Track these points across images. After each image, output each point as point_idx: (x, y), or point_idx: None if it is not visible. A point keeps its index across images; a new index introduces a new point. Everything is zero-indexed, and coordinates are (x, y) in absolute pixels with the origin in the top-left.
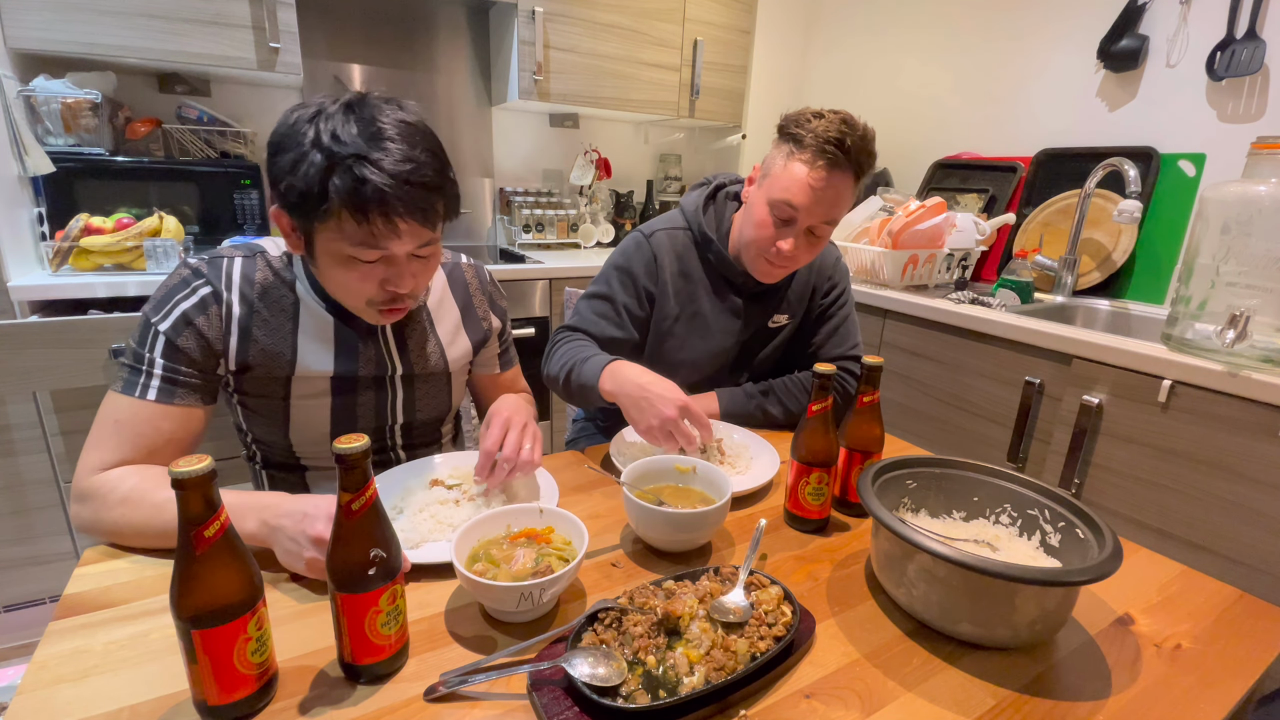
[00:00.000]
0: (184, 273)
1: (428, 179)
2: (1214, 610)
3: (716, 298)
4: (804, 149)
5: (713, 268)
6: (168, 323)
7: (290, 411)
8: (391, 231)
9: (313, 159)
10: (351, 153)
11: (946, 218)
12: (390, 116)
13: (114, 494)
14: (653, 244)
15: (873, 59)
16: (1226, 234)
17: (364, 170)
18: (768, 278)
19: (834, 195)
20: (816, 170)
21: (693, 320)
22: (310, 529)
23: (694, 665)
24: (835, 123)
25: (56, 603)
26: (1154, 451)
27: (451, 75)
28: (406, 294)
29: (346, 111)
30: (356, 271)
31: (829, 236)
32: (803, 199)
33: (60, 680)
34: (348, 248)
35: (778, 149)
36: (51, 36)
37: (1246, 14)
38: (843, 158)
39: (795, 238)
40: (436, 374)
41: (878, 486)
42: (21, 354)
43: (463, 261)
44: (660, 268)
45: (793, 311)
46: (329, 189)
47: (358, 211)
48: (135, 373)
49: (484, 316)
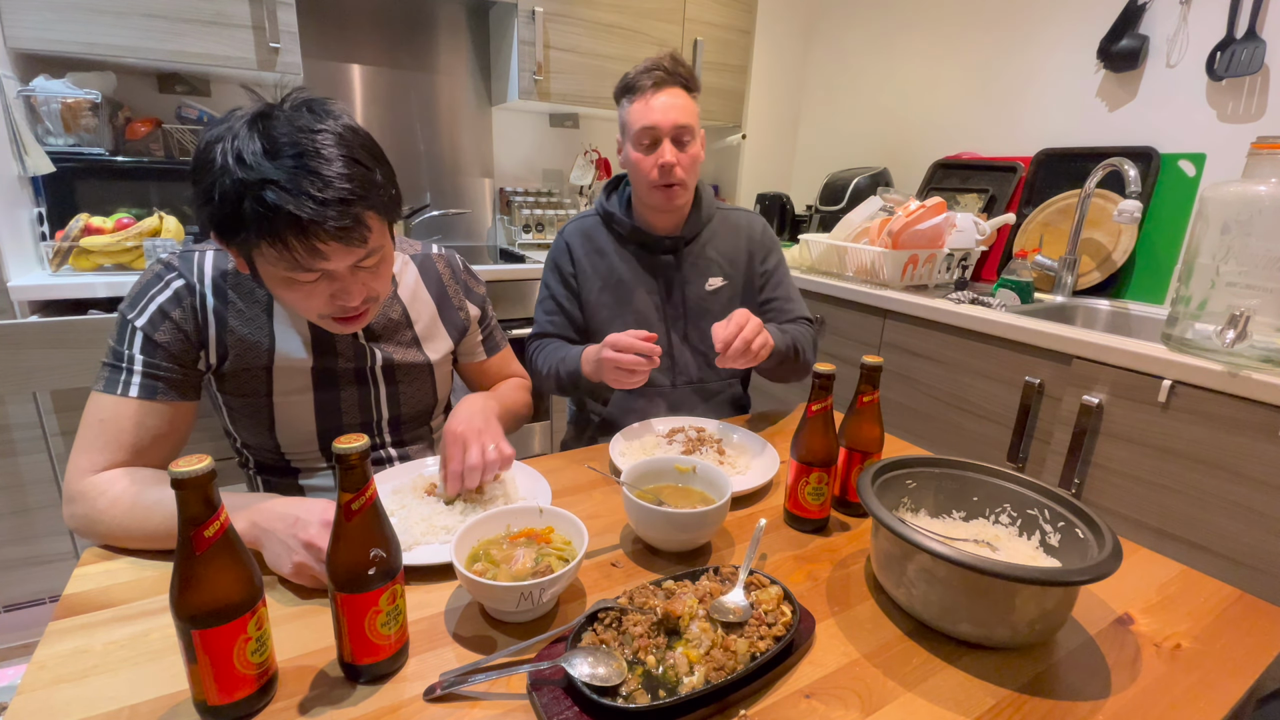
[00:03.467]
0: (156, 268)
1: (345, 193)
2: (1214, 610)
3: (634, 261)
4: (633, 90)
5: (623, 237)
6: (143, 318)
7: (274, 409)
8: (316, 255)
9: (223, 185)
10: (257, 178)
11: (946, 218)
12: (296, 125)
13: (103, 497)
14: (564, 236)
15: (873, 59)
16: (1226, 234)
17: (269, 194)
18: (669, 203)
19: (673, 104)
20: (649, 94)
21: (617, 289)
22: (302, 534)
23: (693, 665)
24: (650, 60)
25: (56, 603)
26: (1154, 451)
27: (451, 75)
28: (359, 304)
29: (250, 128)
30: (300, 291)
31: (698, 148)
32: (652, 117)
33: (60, 680)
34: (283, 270)
35: (620, 112)
36: (51, 36)
37: (1246, 14)
38: (665, 75)
39: (665, 149)
40: (417, 366)
41: (877, 486)
42: (21, 354)
43: (434, 252)
44: (573, 251)
45: (728, 275)
46: (244, 218)
47: (277, 240)
48: (115, 371)
49: (460, 307)
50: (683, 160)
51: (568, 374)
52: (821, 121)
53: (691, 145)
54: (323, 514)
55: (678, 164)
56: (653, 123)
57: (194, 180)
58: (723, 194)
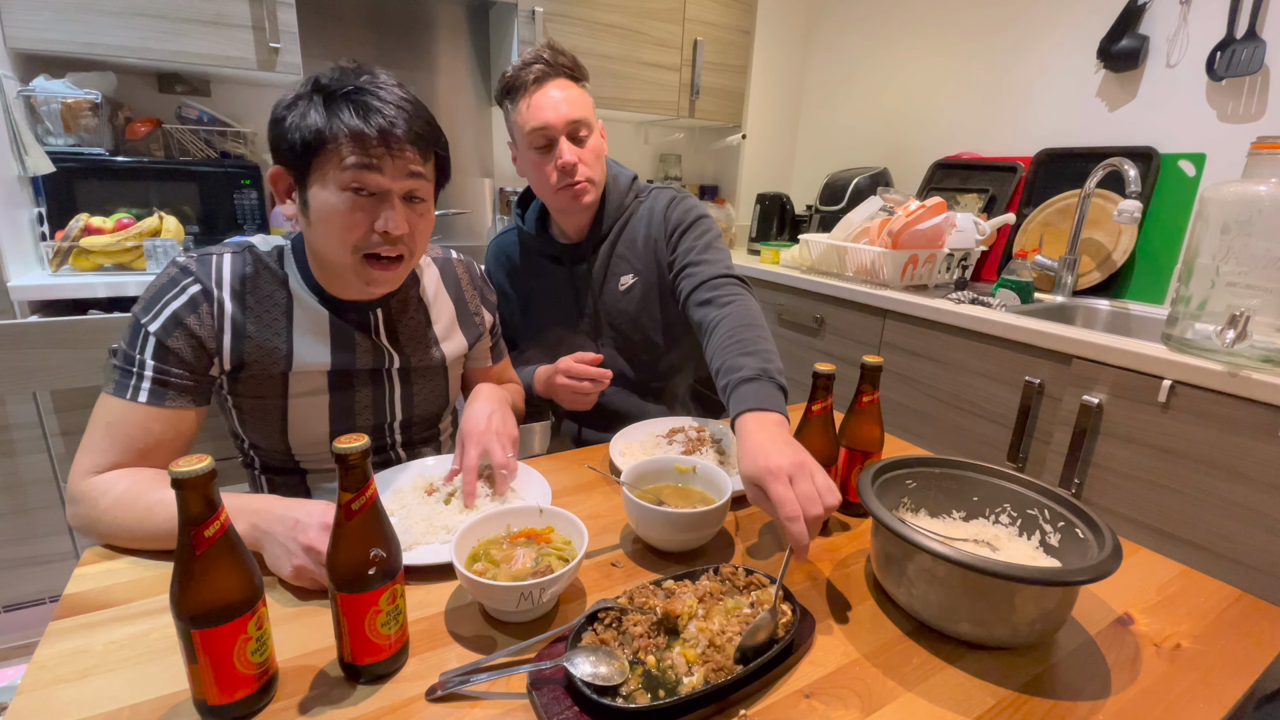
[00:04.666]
0: (172, 271)
1: (424, 114)
2: (1214, 610)
3: (545, 275)
4: (515, 89)
5: (533, 252)
6: (157, 323)
7: (288, 411)
8: (388, 155)
9: (313, 100)
10: (351, 85)
11: (946, 218)
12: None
13: (104, 498)
14: (487, 256)
15: (873, 59)
16: (1226, 234)
17: (363, 98)
18: (577, 205)
19: (563, 99)
20: (534, 93)
21: (534, 304)
22: (302, 537)
23: (692, 665)
24: (527, 54)
25: (56, 603)
26: (1154, 451)
27: (451, 75)
28: (398, 238)
29: (337, 71)
30: (348, 217)
31: (598, 139)
32: (543, 116)
33: (60, 680)
34: (346, 179)
35: (506, 117)
36: (51, 36)
37: (1246, 14)
38: (547, 68)
39: (563, 148)
40: (433, 367)
41: (878, 486)
42: (21, 354)
43: (454, 257)
44: (493, 275)
45: (637, 270)
46: (330, 118)
47: (357, 133)
48: (126, 375)
49: (476, 312)
50: (584, 156)
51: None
52: (821, 121)
53: (590, 138)
54: (322, 516)
55: (580, 161)
56: (544, 122)
57: (276, 123)
58: (723, 194)
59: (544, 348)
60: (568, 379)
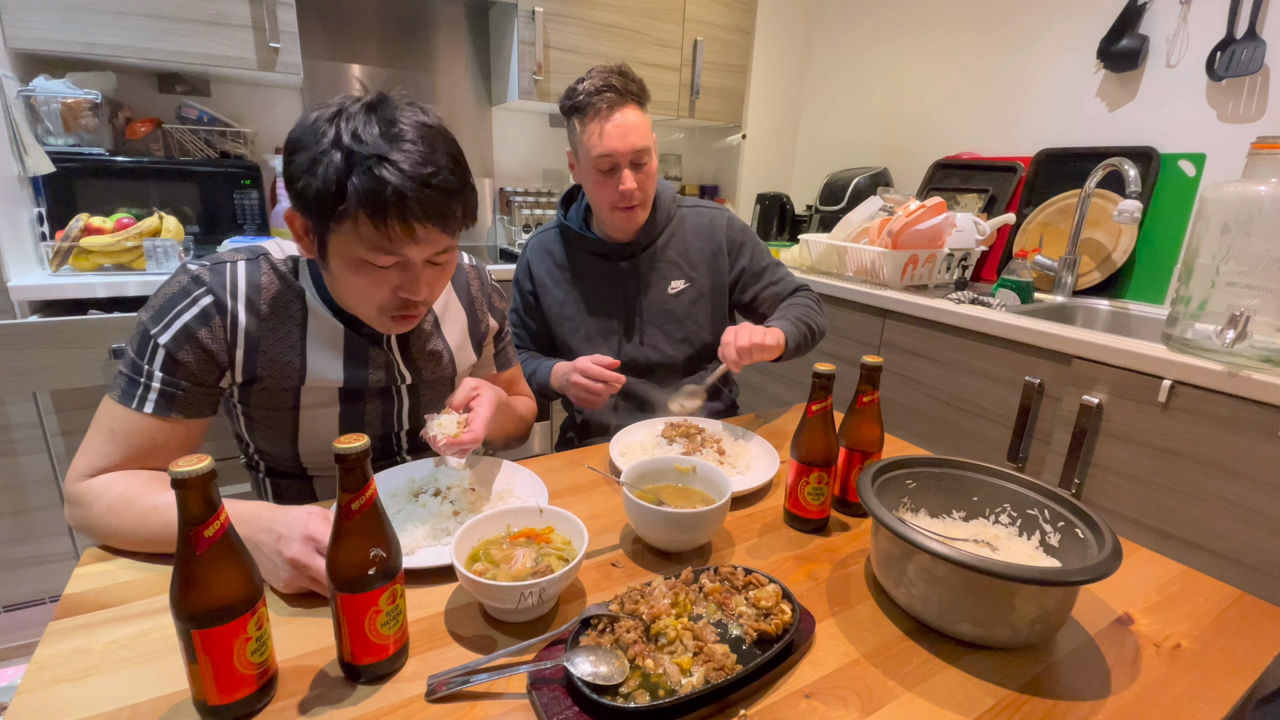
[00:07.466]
0: (184, 280)
1: (448, 183)
2: (1214, 610)
3: (593, 271)
4: (587, 111)
5: (581, 250)
6: (167, 335)
7: (299, 422)
8: (409, 236)
9: (331, 158)
10: (371, 153)
11: (946, 218)
12: (411, 119)
13: (100, 500)
14: (526, 252)
15: (873, 59)
16: (1226, 234)
17: (383, 171)
18: (631, 223)
19: (631, 126)
20: (605, 118)
21: (577, 301)
22: (286, 551)
23: (688, 667)
24: (598, 76)
25: (56, 603)
26: (1154, 451)
27: (451, 75)
28: (420, 301)
29: (368, 111)
30: (370, 277)
31: (654, 161)
32: (610, 144)
33: (60, 680)
34: (363, 251)
35: (571, 129)
36: (51, 36)
37: (1246, 14)
38: (617, 96)
39: (626, 176)
40: (443, 379)
41: (877, 486)
42: (21, 354)
43: (465, 263)
44: (533, 268)
45: (690, 276)
46: (347, 189)
47: (375, 214)
48: (133, 384)
49: (482, 318)
50: (644, 182)
51: (538, 385)
52: (821, 121)
53: (649, 163)
54: (304, 528)
55: (639, 187)
56: (610, 150)
57: (292, 153)
58: (723, 194)
59: (584, 338)
60: (583, 378)
